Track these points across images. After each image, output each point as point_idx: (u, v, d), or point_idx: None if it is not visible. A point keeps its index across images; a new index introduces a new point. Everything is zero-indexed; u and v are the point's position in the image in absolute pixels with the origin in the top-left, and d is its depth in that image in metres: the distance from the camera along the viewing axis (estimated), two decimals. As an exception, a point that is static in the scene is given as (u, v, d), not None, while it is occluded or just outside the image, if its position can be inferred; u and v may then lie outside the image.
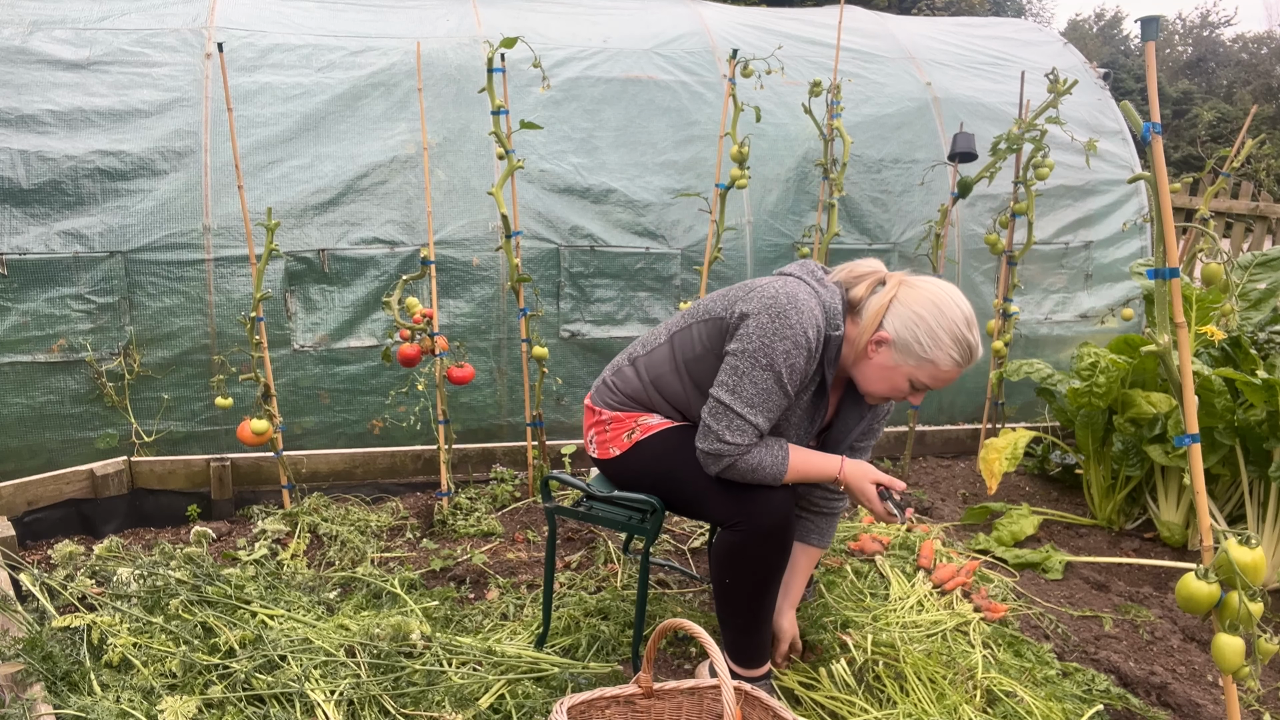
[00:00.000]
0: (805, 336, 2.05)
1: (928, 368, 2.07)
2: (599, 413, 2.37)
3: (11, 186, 3.51)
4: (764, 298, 2.09)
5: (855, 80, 4.76)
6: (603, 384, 2.41)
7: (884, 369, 2.11)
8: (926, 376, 2.08)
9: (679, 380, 2.26)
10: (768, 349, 2.05)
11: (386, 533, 3.39)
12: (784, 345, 2.04)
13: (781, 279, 2.16)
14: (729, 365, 2.10)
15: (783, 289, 2.09)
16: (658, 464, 2.27)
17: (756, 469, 2.09)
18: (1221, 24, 44.78)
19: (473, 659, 2.38)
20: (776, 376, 2.06)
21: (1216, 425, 3.27)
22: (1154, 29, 1.81)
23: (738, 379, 2.08)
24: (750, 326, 2.07)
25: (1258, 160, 6.12)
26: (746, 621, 2.22)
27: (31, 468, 3.48)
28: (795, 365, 2.06)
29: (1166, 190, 1.82)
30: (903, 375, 2.10)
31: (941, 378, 2.09)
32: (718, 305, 2.21)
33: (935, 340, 2.04)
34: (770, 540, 2.11)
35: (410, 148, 3.99)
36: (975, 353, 2.09)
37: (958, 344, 2.05)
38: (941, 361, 2.05)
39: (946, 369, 2.07)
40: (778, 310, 2.06)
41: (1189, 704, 2.47)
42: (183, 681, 2.17)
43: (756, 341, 2.06)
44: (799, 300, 2.07)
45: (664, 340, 2.32)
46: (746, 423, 2.07)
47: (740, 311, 2.12)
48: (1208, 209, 5.06)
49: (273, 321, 3.71)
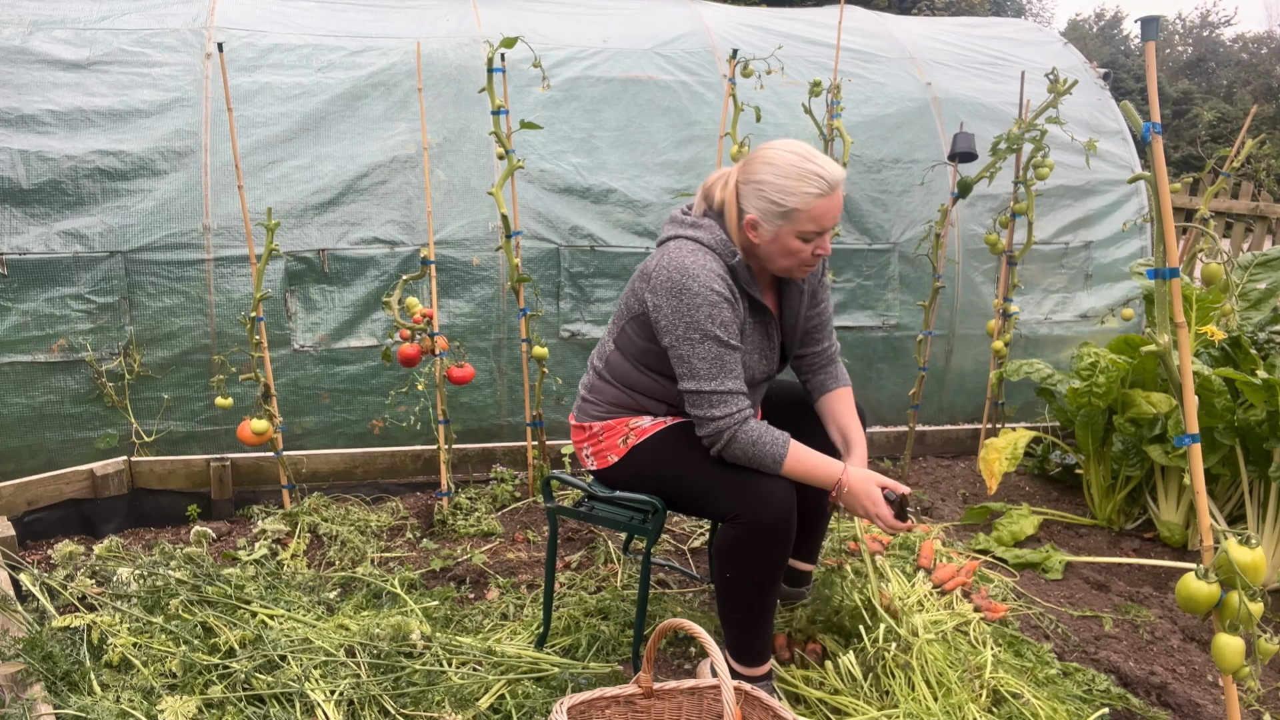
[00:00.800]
0: (713, 291, 2.11)
1: (799, 216, 2.10)
2: (588, 427, 2.40)
3: (11, 186, 3.51)
4: (661, 282, 2.15)
5: (855, 80, 4.76)
6: (582, 400, 2.44)
7: (772, 244, 2.15)
8: (808, 224, 2.11)
9: (645, 377, 2.31)
10: (692, 324, 2.11)
11: (386, 533, 3.39)
12: (702, 313, 2.11)
13: (664, 251, 2.22)
14: (674, 357, 2.17)
15: (669, 264, 2.15)
16: (656, 465, 2.28)
17: (757, 442, 2.12)
18: (1221, 24, 44.79)
19: (473, 659, 2.38)
20: (716, 340, 2.12)
21: (1216, 425, 3.27)
22: (1154, 29, 1.81)
23: (687, 365, 2.14)
24: (665, 315, 2.14)
25: (1258, 160, 6.10)
26: (748, 619, 2.22)
27: (31, 468, 3.48)
28: (724, 319, 2.12)
29: (1166, 190, 1.82)
30: (789, 237, 2.13)
31: (823, 218, 2.11)
32: (634, 300, 2.28)
33: (784, 190, 2.09)
34: (771, 534, 2.11)
35: (410, 148, 3.99)
36: (829, 174, 2.09)
37: (806, 178, 2.08)
38: (807, 203, 2.08)
39: (817, 205, 2.09)
40: (677, 288, 2.12)
41: (1189, 704, 2.47)
42: (183, 681, 2.17)
43: (679, 325, 2.13)
44: (687, 266, 2.12)
45: (613, 347, 2.37)
46: (719, 394, 2.13)
47: (652, 303, 2.19)
48: (1208, 209, 5.07)
49: (273, 321, 3.71)
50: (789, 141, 2.15)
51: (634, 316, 2.28)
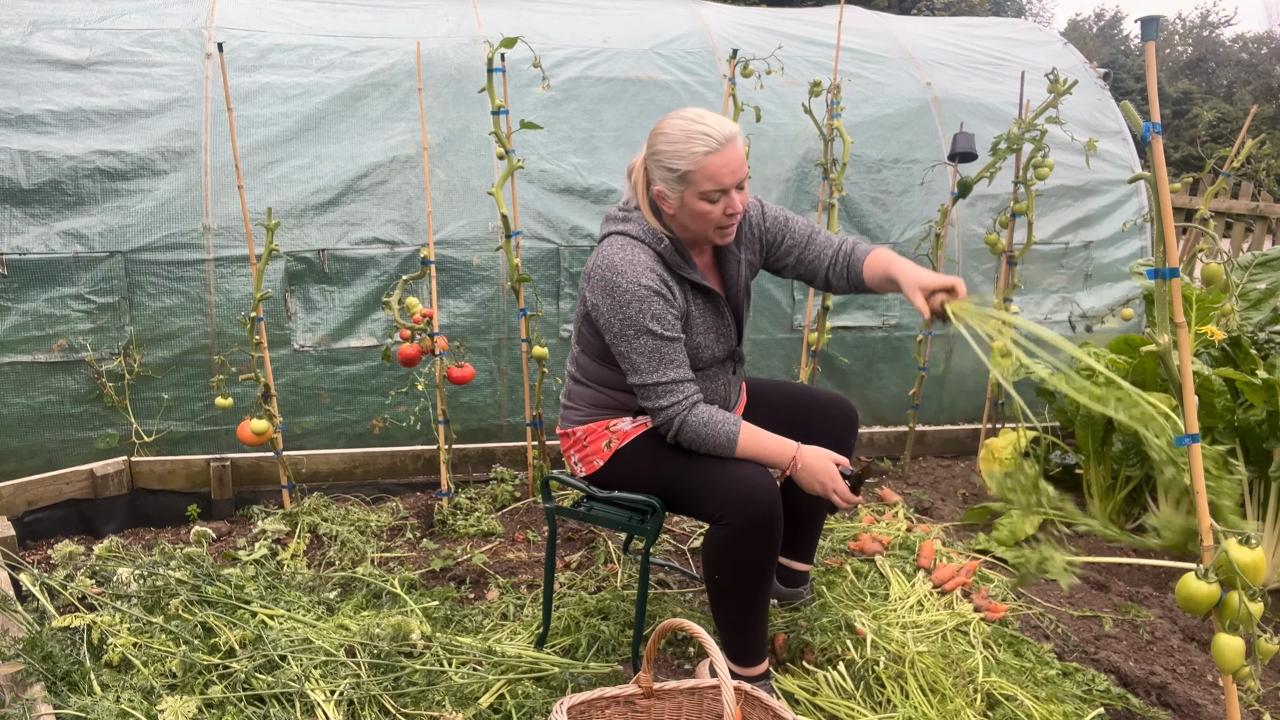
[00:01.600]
0: (641, 286, 2.13)
1: (695, 176, 2.10)
2: (572, 433, 2.42)
3: (11, 186, 3.51)
4: (596, 283, 2.19)
5: (855, 80, 4.76)
6: (564, 408, 2.47)
7: (683, 211, 2.17)
8: (706, 182, 2.10)
9: (611, 372, 2.33)
10: (626, 320, 2.14)
11: (386, 533, 3.39)
12: (633, 308, 2.13)
13: (598, 250, 2.24)
14: (616, 354, 2.22)
15: (601, 263, 2.19)
16: (640, 469, 2.30)
17: (708, 423, 2.15)
18: (1221, 24, 44.78)
19: (473, 659, 2.38)
20: (650, 333, 2.14)
21: (1216, 425, 3.27)
22: (1154, 29, 1.81)
23: (629, 360, 2.18)
24: (603, 313, 2.18)
25: (1258, 160, 6.11)
26: (740, 619, 2.22)
27: (31, 468, 3.48)
28: (657, 313, 2.14)
29: (1166, 190, 1.82)
30: (694, 200, 2.13)
31: (717, 174, 2.08)
32: (581, 303, 2.31)
33: (677, 155, 2.09)
34: (757, 532, 2.11)
35: (410, 148, 3.99)
36: (717, 134, 2.07)
37: (693, 139, 2.08)
38: (696, 164, 2.08)
39: (707, 163, 2.08)
40: (608, 287, 2.16)
41: (1189, 704, 2.47)
42: (183, 681, 2.17)
43: (615, 322, 2.16)
44: (616, 263, 2.16)
45: (578, 350, 2.41)
46: (662, 385, 2.16)
47: (590, 302, 2.23)
48: (1208, 209, 5.06)
49: (273, 321, 3.71)
50: (683, 109, 2.17)
51: (584, 316, 2.32)
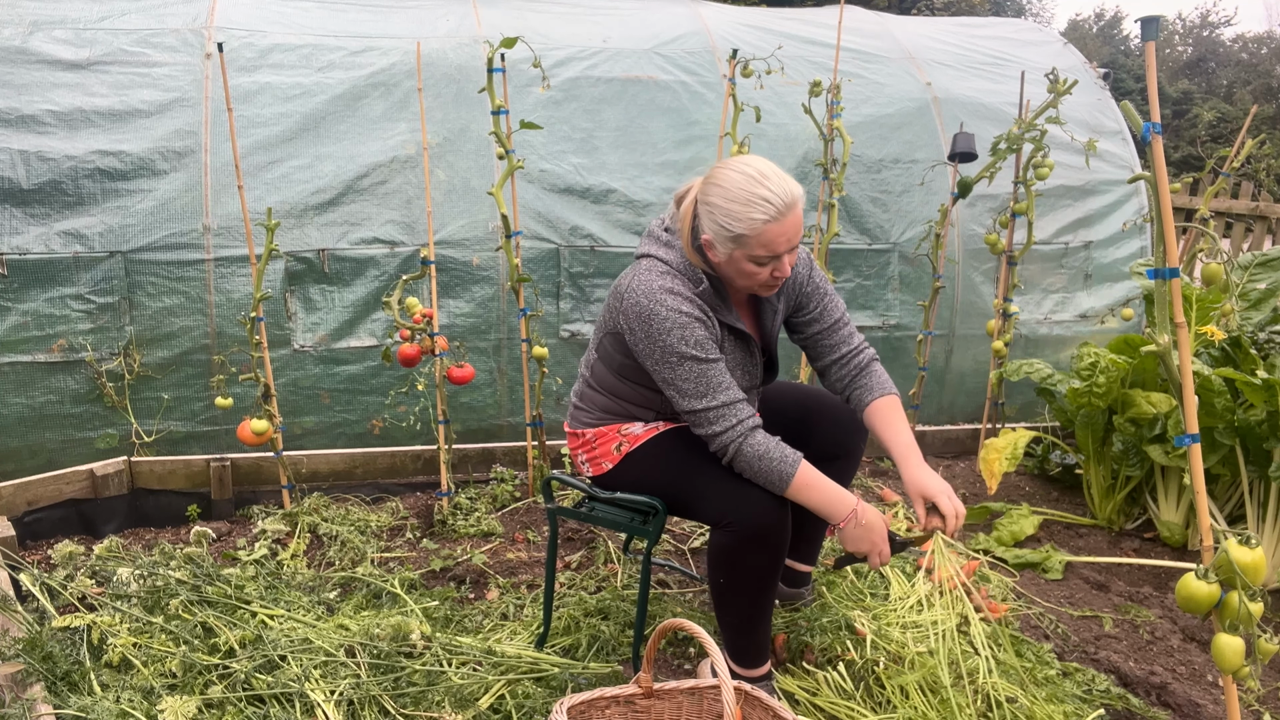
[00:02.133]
0: (681, 314, 2.09)
1: (750, 241, 2.04)
2: (581, 434, 2.40)
3: (11, 186, 3.51)
4: (631, 307, 2.13)
5: (855, 80, 4.76)
6: (574, 408, 2.45)
7: (728, 265, 2.12)
8: (759, 248, 2.04)
9: (627, 387, 2.31)
10: (666, 349, 2.10)
11: (386, 533, 3.39)
12: (674, 336, 2.09)
13: (634, 271, 2.19)
14: (659, 381, 2.16)
15: (637, 287, 2.13)
16: (650, 472, 2.29)
17: (764, 456, 2.09)
18: (1221, 24, 44.81)
19: (473, 659, 2.38)
20: (694, 359, 2.10)
21: (1216, 425, 3.27)
22: (1154, 29, 1.81)
23: (675, 387, 2.13)
24: (639, 339, 2.14)
25: (1258, 160, 6.10)
26: (743, 622, 2.22)
27: (31, 468, 3.48)
28: (698, 338, 2.10)
29: (1166, 190, 1.82)
30: (743, 260, 2.08)
31: (773, 241, 2.03)
32: (610, 316, 2.26)
33: (732, 215, 2.03)
34: (760, 541, 2.11)
35: (410, 148, 3.99)
36: (781, 195, 2.01)
37: (754, 203, 2.01)
38: (755, 230, 2.02)
39: (764, 231, 2.02)
40: (645, 315, 2.11)
41: (1189, 704, 2.47)
42: (183, 681, 2.17)
43: (655, 350, 2.11)
44: (654, 291, 2.11)
45: (596, 358, 2.37)
46: (713, 409, 2.11)
47: (625, 326, 2.17)
48: (1208, 209, 5.06)
49: (273, 321, 3.71)
50: (744, 160, 2.08)
51: (610, 332, 2.27)
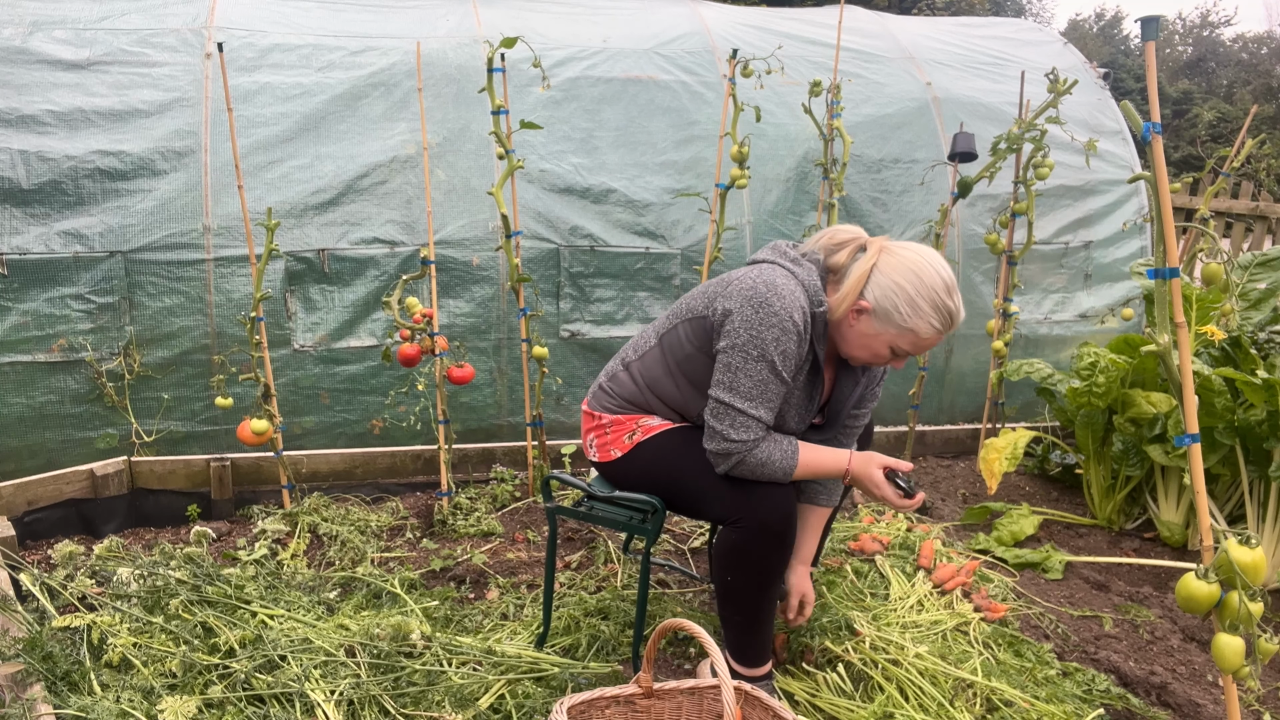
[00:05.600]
0: (791, 320, 2.05)
1: (908, 336, 2.08)
2: (598, 417, 2.37)
3: (11, 186, 3.51)
4: (743, 290, 2.08)
5: (855, 80, 4.76)
6: (599, 389, 2.40)
7: (865, 336, 2.12)
8: (907, 344, 2.09)
9: (673, 382, 2.25)
10: (757, 340, 2.04)
11: (386, 533, 3.39)
12: (772, 334, 2.04)
13: (756, 268, 2.14)
14: (722, 363, 2.09)
15: (760, 278, 2.08)
16: (660, 464, 2.26)
17: (766, 463, 2.08)
18: (1221, 24, 44.79)
19: (473, 659, 2.38)
20: (770, 365, 2.06)
21: (1216, 425, 3.27)
22: (1154, 29, 1.81)
23: (733, 375, 2.07)
24: (735, 321, 2.07)
25: (1258, 160, 6.11)
26: (748, 620, 2.22)
27: (31, 468, 3.48)
28: (787, 351, 2.06)
29: (1166, 190, 1.82)
30: (884, 343, 2.10)
31: (922, 345, 2.10)
32: (699, 303, 2.20)
33: (915, 309, 2.05)
34: (772, 537, 2.11)
35: (410, 148, 3.99)
36: (956, 318, 2.09)
37: (938, 311, 2.06)
38: (922, 330, 2.06)
39: (927, 336, 2.08)
40: (759, 300, 2.05)
41: (1189, 704, 2.47)
42: (183, 681, 2.17)
43: (744, 335, 2.05)
44: (778, 286, 2.06)
45: (654, 343, 2.30)
46: (749, 417, 2.07)
47: (722, 308, 2.11)
48: (1208, 209, 5.07)
49: (273, 321, 3.71)
50: (942, 263, 2.09)
51: (694, 318, 2.20)
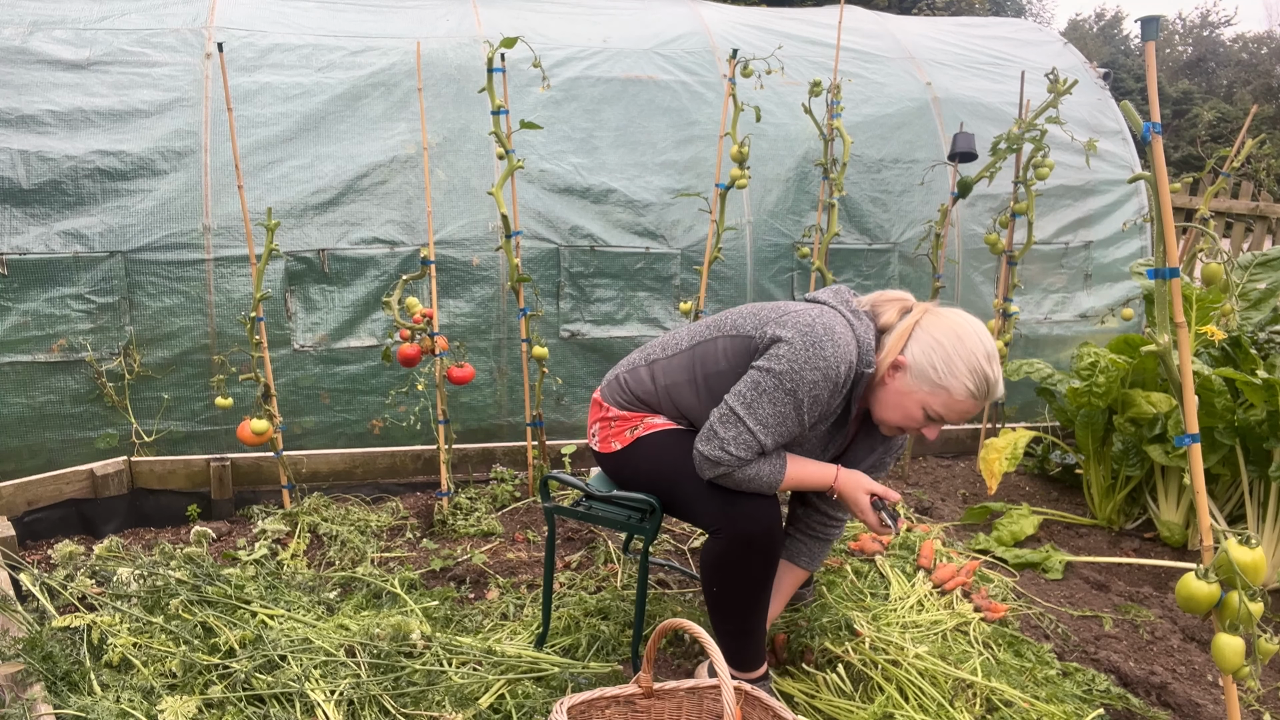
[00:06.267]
0: (836, 371, 2.02)
1: (941, 395, 2.04)
2: (606, 409, 2.35)
3: (11, 186, 3.51)
4: (801, 324, 2.04)
5: (855, 80, 4.76)
6: (615, 380, 2.37)
7: (898, 394, 2.09)
8: (940, 405, 2.05)
9: (694, 391, 2.22)
10: (795, 375, 2.01)
11: (386, 533, 3.39)
12: (812, 375, 2.01)
13: (818, 308, 2.11)
14: (751, 379, 2.06)
15: (820, 318, 2.05)
16: (656, 462, 2.26)
17: (753, 479, 2.08)
18: (1221, 24, 44.77)
19: (473, 659, 2.38)
20: (797, 404, 2.03)
21: (1216, 425, 3.27)
22: (1154, 29, 1.81)
23: (757, 395, 2.04)
24: (783, 350, 2.03)
25: (1258, 160, 6.11)
26: (738, 627, 2.21)
27: (31, 468, 3.48)
28: (819, 397, 2.03)
29: (1166, 190, 1.82)
30: (916, 402, 2.07)
31: (956, 408, 2.05)
32: (748, 323, 2.16)
33: (950, 368, 2.02)
34: (753, 548, 2.10)
35: (410, 148, 3.99)
36: (993, 387, 2.05)
37: (974, 375, 2.02)
38: (956, 390, 2.03)
39: (961, 399, 2.04)
40: (814, 340, 2.01)
41: (1189, 704, 2.47)
42: (183, 681, 2.17)
43: (786, 364, 2.01)
44: (836, 333, 2.03)
45: (685, 348, 2.27)
46: (754, 439, 2.04)
47: (773, 335, 2.07)
48: (1208, 209, 5.07)
49: (273, 321, 3.71)
50: (984, 330, 2.09)
51: (740, 336, 2.16)
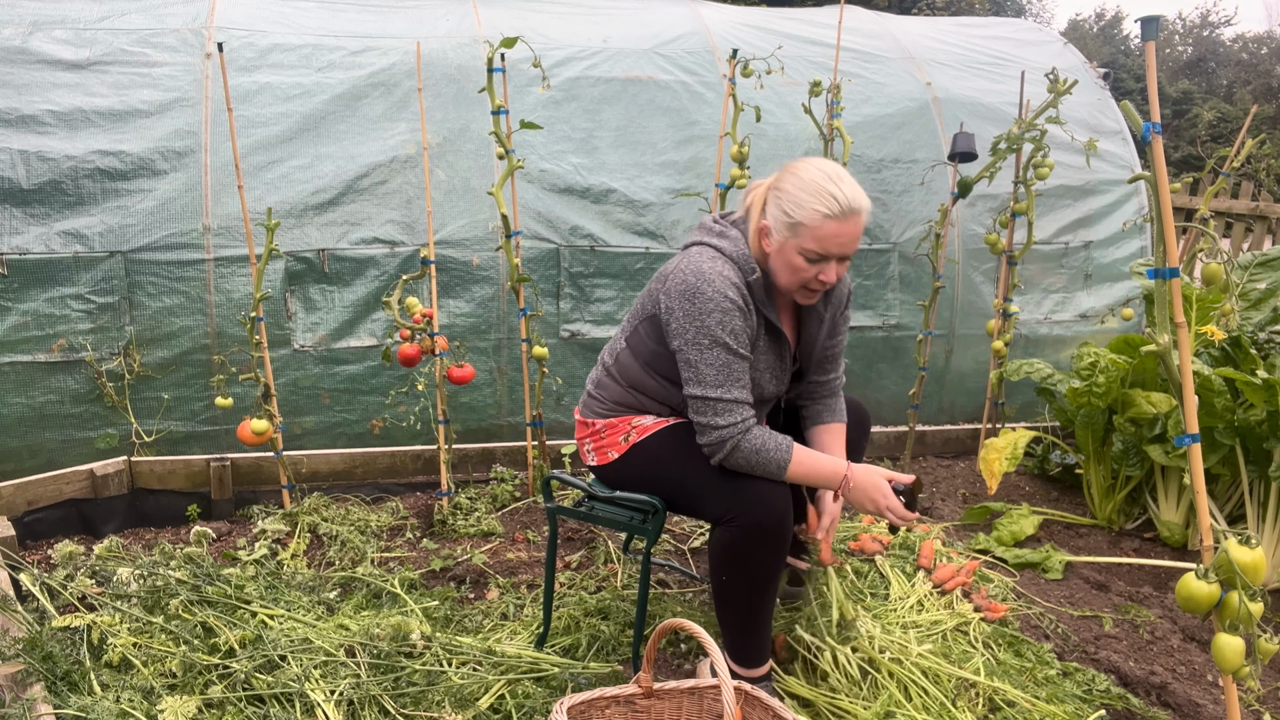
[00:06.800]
0: (727, 299, 2.11)
1: (804, 231, 2.08)
2: (591, 424, 2.41)
3: (11, 186, 3.51)
4: (676, 285, 2.15)
5: (855, 80, 4.76)
6: (588, 396, 2.46)
7: (778, 256, 2.15)
8: (810, 240, 2.08)
9: (652, 379, 2.31)
10: (702, 329, 2.11)
11: (386, 533, 3.39)
12: (714, 319, 2.11)
13: (685, 255, 2.22)
14: (682, 360, 2.17)
15: (688, 266, 2.16)
16: (656, 464, 2.28)
17: (760, 450, 2.11)
18: (1221, 24, 44.74)
19: (473, 659, 2.38)
20: (725, 347, 2.12)
21: (1216, 425, 3.27)
22: (1154, 29, 1.81)
23: (695, 370, 2.14)
24: (677, 316, 2.14)
25: (1258, 160, 6.12)
26: (745, 621, 2.22)
27: (31, 468, 3.48)
28: (735, 328, 2.12)
29: (1166, 190, 1.82)
30: (792, 251, 2.11)
31: (824, 236, 2.06)
32: (648, 302, 2.29)
33: (798, 203, 2.08)
34: (765, 536, 2.11)
35: (410, 148, 3.99)
36: (848, 200, 2.05)
37: (819, 196, 2.06)
38: (810, 219, 2.06)
39: (820, 224, 2.05)
40: (691, 291, 2.12)
41: (1189, 704, 2.47)
42: (183, 681, 2.17)
43: (689, 329, 2.12)
44: (704, 271, 2.13)
45: (624, 346, 2.38)
46: (726, 402, 2.12)
47: (664, 304, 2.19)
48: (1208, 209, 5.07)
49: (273, 321, 3.71)
50: (826, 161, 2.13)
51: (648, 317, 2.29)
